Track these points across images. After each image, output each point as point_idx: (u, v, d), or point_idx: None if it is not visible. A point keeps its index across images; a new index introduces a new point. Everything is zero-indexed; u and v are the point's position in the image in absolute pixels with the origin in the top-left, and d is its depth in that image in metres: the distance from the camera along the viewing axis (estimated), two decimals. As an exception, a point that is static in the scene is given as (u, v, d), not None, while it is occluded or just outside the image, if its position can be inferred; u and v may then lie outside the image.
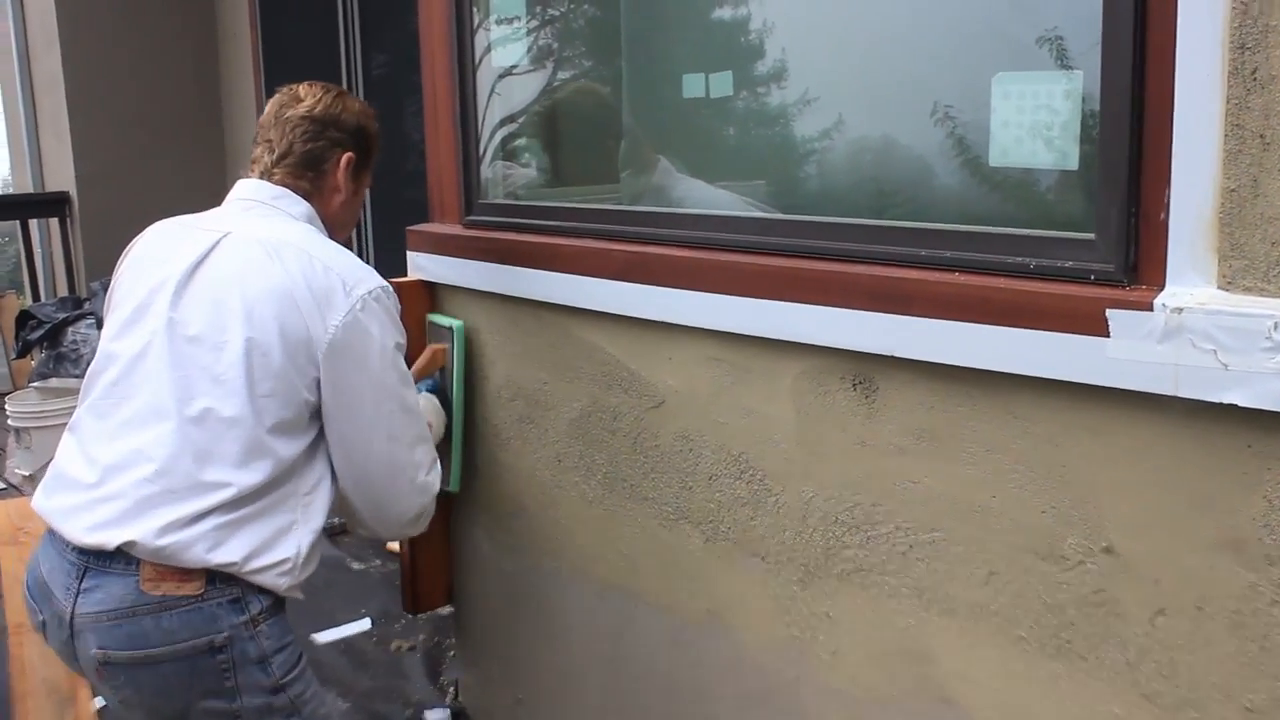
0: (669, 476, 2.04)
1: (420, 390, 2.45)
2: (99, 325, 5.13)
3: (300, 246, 1.85)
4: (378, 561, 3.66)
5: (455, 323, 2.47)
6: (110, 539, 1.71)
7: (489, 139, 2.60)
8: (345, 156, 2.01)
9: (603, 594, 2.25)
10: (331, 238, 2.00)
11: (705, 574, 2.00)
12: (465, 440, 2.54)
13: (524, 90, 2.63)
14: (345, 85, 4.87)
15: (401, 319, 1.93)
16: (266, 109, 2.04)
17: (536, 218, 2.35)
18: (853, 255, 1.68)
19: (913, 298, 1.55)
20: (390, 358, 1.87)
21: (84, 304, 5.53)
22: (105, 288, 5.52)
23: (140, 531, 1.70)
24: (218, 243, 1.87)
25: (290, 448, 1.80)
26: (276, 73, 5.62)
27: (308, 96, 2.02)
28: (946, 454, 1.57)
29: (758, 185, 2.07)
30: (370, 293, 1.84)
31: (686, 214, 2.03)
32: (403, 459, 1.92)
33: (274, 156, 1.98)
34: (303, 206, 1.97)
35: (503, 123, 2.64)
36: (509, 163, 2.68)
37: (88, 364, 5.14)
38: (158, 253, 1.92)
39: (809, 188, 1.98)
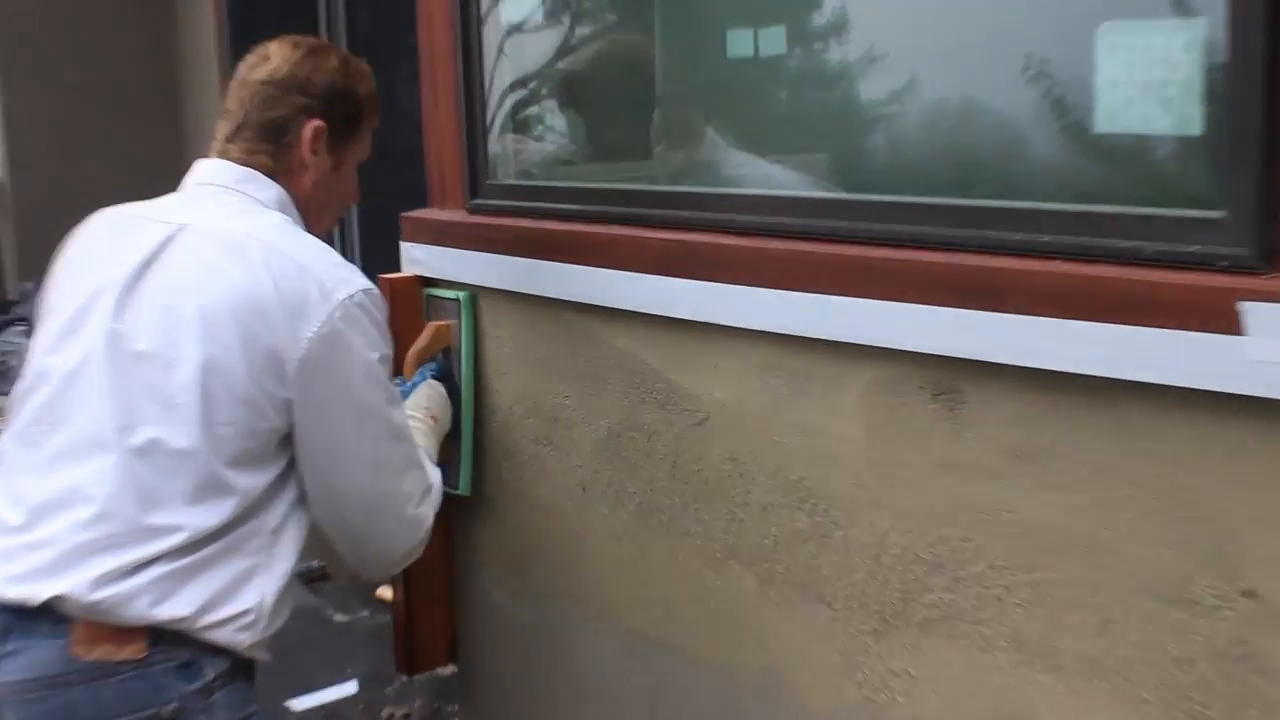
0: (715, 507, 2.06)
1: (423, 376, 2.46)
2: (29, 333, 5.20)
3: (268, 241, 1.86)
4: (365, 612, 3.69)
5: (460, 294, 2.49)
6: (36, 593, 1.70)
7: (497, 107, 2.62)
8: (313, 125, 2.00)
9: (637, 648, 2.26)
10: (309, 226, 2.02)
11: (759, 624, 2.01)
12: (476, 435, 2.56)
13: (539, 49, 2.66)
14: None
15: (393, 323, 1.96)
16: (236, 71, 2.06)
17: (554, 200, 2.38)
18: (933, 241, 1.69)
19: (1006, 291, 1.56)
20: (374, 373, 1.89)
21: (13, 308, 5.61)
22: (40, 288, 5.60)
23: (72, 584, 1.69)
24: (171, 237, 1.87)
25: (254, 481, 1.81)
26: (244, 36, 5.63)
27: (276, 56, 2.03)
28: (1049, 478, 1.57)
29: (818, 160, 2.08)
30: (351, 297, 1.85)
31: (734, 195, 2.05)
32: (389, 490, 1.94)
33: (230, 128, 2.01)
34: (273, 190, 1.98)
35: (513, 88, 2.67)
36: (520, 136, 2.71)
37: (19, 377, 5.24)
38: (100, 249, 1.93)
39: (878, 162, 1.99)
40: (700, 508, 2.09)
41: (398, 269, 2.66)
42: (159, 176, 6.40)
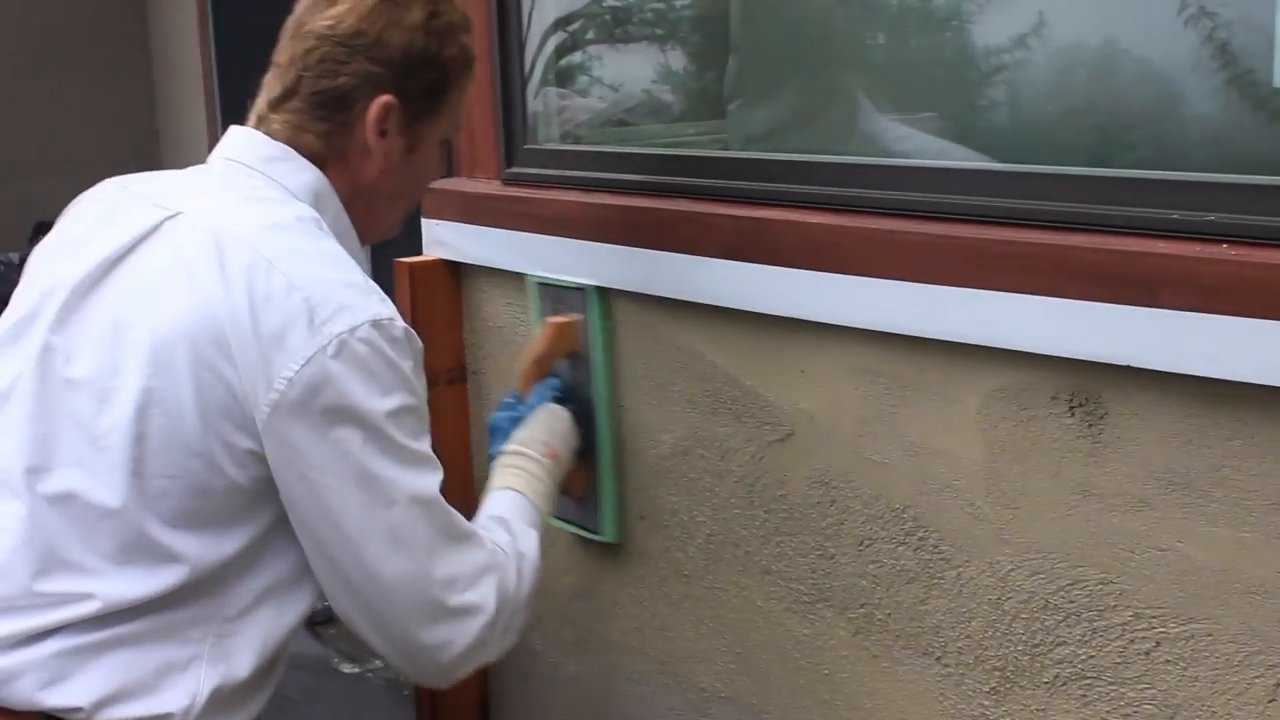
0: (801, 540, 2.07)
1: (540, 398, 2.30)
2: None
3: (259, 247, 1.72)
4: (378, 663, 3.71)
5: (587, 282, 2.31)
6: None
7: (535, 56, 2.64)
8: (381, 101, 1.85)
9: (707, 708, 2.28)
10: (363, 226, 1.92)
11: (854, 680, 2.02)
12: (618, 459, 2.39)
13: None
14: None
15: (418, 319, 1.85)
16: (295, 7, 1.93)
17: (605, 169, 2.40)
18: (1071, 220, 1.70)
19: (1160, 281, 1.56)
20: (383, 431, 1.72)
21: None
22: None
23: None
24: (155, 229, 1.78)
25: (206, 549, 1.71)
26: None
27: (343, 0, 1.87)
28: (1209, 509, 1.58)
29: (925, 120, 2.10)
30: (354, 331, 1.69)
31: (823, 163, 2.06)
32: (416, 572, 1.78)
33: (275, 94, 1.88)
34: (306, 175, 1.85)
35: (554, 30, 2.69)
36: (564, 90, 2.73)
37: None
38: (78, 234, 1.86)
39: (1001, 122, 2.00)
40: (783, 541, 2.10)
41: (417, 251, 2.69)
42: (124, 135, 6.47)
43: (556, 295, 2.39)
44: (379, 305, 1.73)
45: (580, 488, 2.36)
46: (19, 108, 6.15)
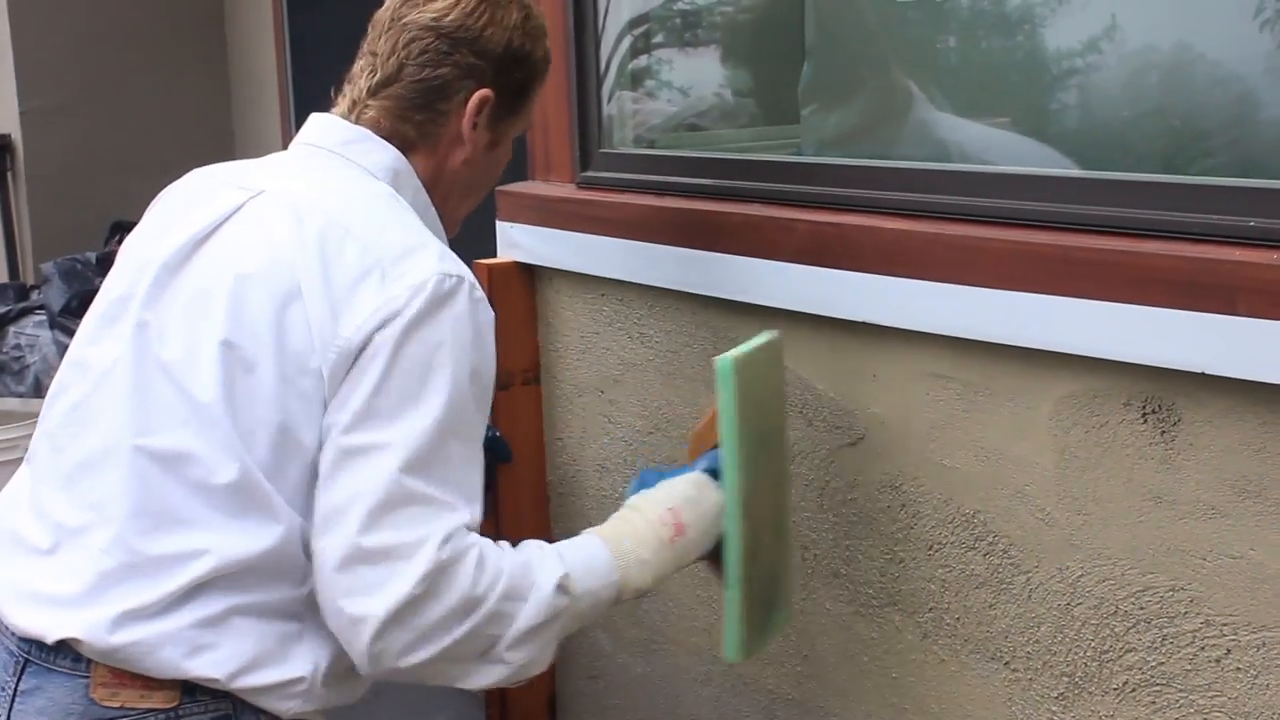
0: (870, 544, 2.09)
1: (696, 467, 2.01)
2: (52, 324, 5.33)
3: (334, 218, 1.80)
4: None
5: (720, 360, 1.96)
6: (48, 630, 1.74)
7: (610, 55, 2.67)
8: (480, 94, 1.94)
9: (774, 710, 2.30)
10: (443, 210, 1.98)
11: (922, 684, 2.04)
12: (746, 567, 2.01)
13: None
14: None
15: (499, 333, 1.86)
16: (386, 2, 2.00)
17: (680, 174, 2.42)
18: (1146, 227, 1.71)
19: (1237, 289, 1.57)
20: (445, 392, 1.74)
21: (30, 293, 5.75)
22: (61, 272, 5.67)
23: (87, 624, 1.72)
24: (239, 208, 1.87)
25: (297, 510, 1.77)
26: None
27: None
28: (1283, 516, 1.59)
29: (1000, 126, 2.11)
30: (426, 283, 1.74)
31: (898, 169, 2.07)
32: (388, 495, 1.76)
33: (373, 81, 1.94)
34: (386, 154, 1.93)
35: (629, 34, 2.71)
36: (637, 93, 2.75)
37: (36, 377, 5.37)
38: (165, 219, 1.95)
39: (1076, 128, 2.00)
40: (852, 544, 2.12)
41: (493, 252, 2.72)
42: (200, 136, 6.51)
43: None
44: (451, 263, 1.78)
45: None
46: (97, 110, 6.18)
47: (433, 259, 1.77)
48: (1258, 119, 1.79)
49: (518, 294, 2.67)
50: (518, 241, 2.68)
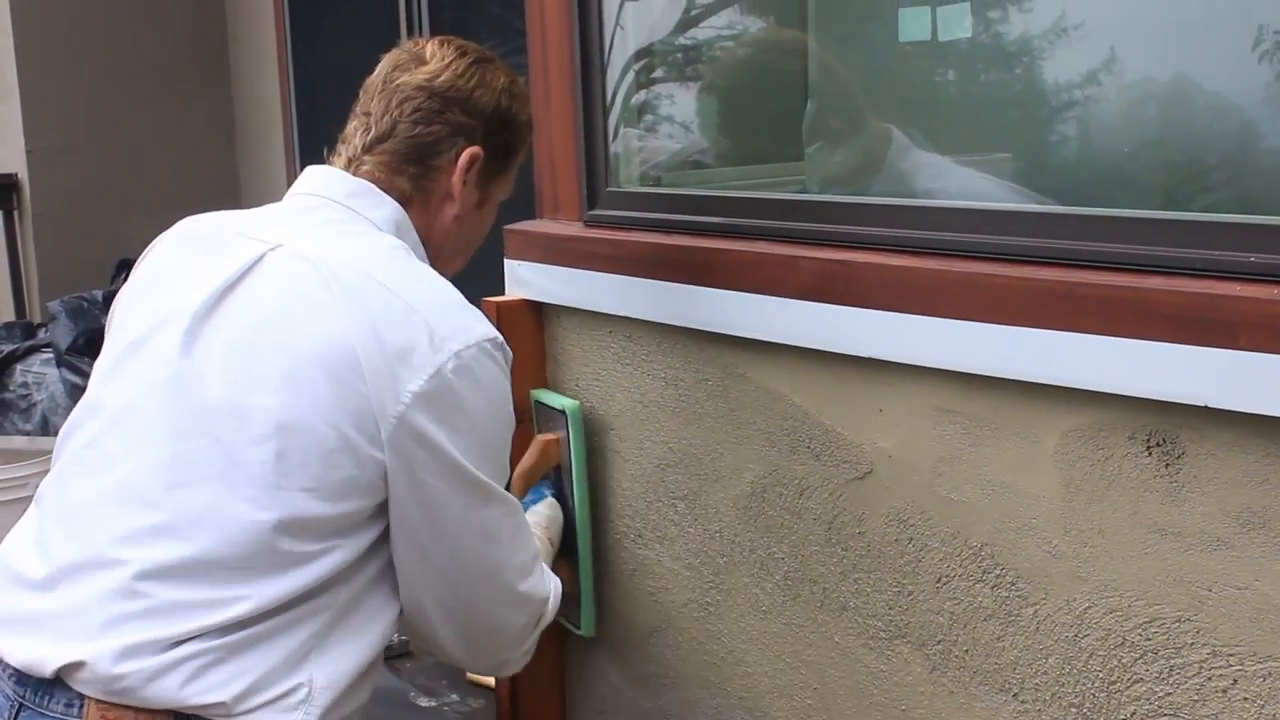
0: (878, 577, 2.11)
1: (539, 495, 2.58)
2: (59, 362, 5.35)
3: (373, 273, 1.88)
4: (454, 697, 3.74)
5: (569, 403, 2.57)
6: (48, 659, 1.77)
7: (615, 93, 2.70)
8: (470, 151, 2.06)
9: (782, 745, 2.31)
10: (435, 266, 2.06)
11: (931, 716, 2.04)
12: (595, 560, 2.64)
13: (665, 24, 2.72)
14: (404, 20, 5.04)
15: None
16: (378, 67, 2.11)
17: (687, 212, 2.45)
18: (1148, 263, 1.72)
19: (1239, 324, 1.58)
20: (491, 441, 1.95)
21: (37, 331, 5.77)
22: (68, 310, 5.70)
23: (94, 652, 1.75)
24: (260, 259, 1.92)
25: (334, 554, 1.85)
26: (305, 8, 5.83)
27: (434, 59, 2.08)
28: (1287, 548, 1.60)
29: (1004, 163, 2.13)
30: (469, 348, 1.88)
31: (904, 206, 2.10)
32: (500, 562, 2.02)
33: (369, 138, 2.04)
34: (387, 209, 2.02)
35: (634, 72, 2.74)
36: (644, 131, 2.78)
37: (43, 415, 5.39)
38: (178, 266, 2.00)
39: (1078, 165, 2.03)
40: (861, 578, 2.14)
41: (499, 290, 2.75)
42: (206, 175, 6.55)
43: (547, 414, 2.62)
44: (487, 325, 1.94)
45: (566, 585, 2.46)
46: (102, 148, 6.22)
47: (474, 320, 1.92)
48: (1256, 154, 1.81)
49: (526, 331, 2.69)
50: (526, 279, 2.70)
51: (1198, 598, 1.69)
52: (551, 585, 2.18)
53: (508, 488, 2.05)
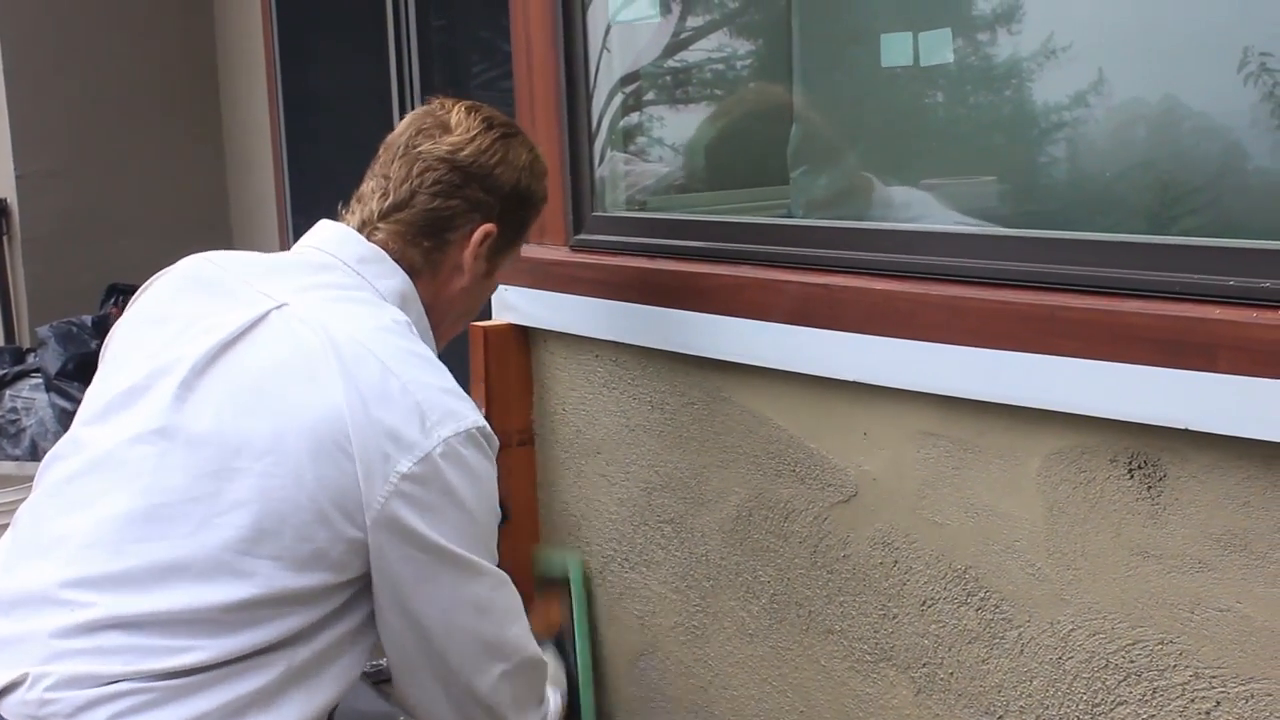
0: (864, 600, 2.11)
1: (544, 645, 2.47)
2: (49, 387, 5.34)
3: (371, 348, 1.86)
4: None
5: (570, 560, 2.60)
6: None
7: (599, 121, 2.71)
8: (484, 229, 2.04)
9: (769, 768, 2.31)
10: (435, 333, 2.06)
11: (918, 740, 2.05)
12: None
13: (652, 46, 2.73)
14: (393, 46, 5.05)
15: (490, 377, 1.97)
16: (401, 124, 2.08)
17: (672, 236, 2.46)
18: (1128, 286, 1.73)
19: (1218, 347, 1.59)
20: (478, 529, 1.91)
21: (26, 356, 5.77)
22: (57, 335, 5.68)
23: (37, 673, 1.72)
24: (263, 317, 1.90)
25: (287, 621, 1.82)
26: (294, 33, 5.84)
27: (458, 129, 2.04)
28: (1268, 569, 1.60)
29: (986, 188, 2.13)
30: (458, 435, 1.85)
31: (887, 230, 2.10)
32: (495, 634, 1.97)
33: (386, 204, 2.01)
34: (396, 279, 2.00)
35: (619, 97, 2.75)
36: (630, 156, 2.79)
37: (32, 440, 5.37)
38: (181, 312, 1.96)
39: (1060, 190, 2.04)
40: (846, 601, 2.14)
41: (486, 315, 2.75)
42: (195, 200, 6.54)
43: (545, 575, 2.67)
44: (476, 413, 1.90)
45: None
46: (92, 174, 6.21)
47: (464, 405, 1.89)
48: (1236, 178, 1.82)
49: (513, 356, 2.70)
50: (513, 304, 2.71)
51: (1180, 620, 1.69)
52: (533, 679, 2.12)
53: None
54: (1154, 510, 1.71)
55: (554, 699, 2.21)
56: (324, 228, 2.04)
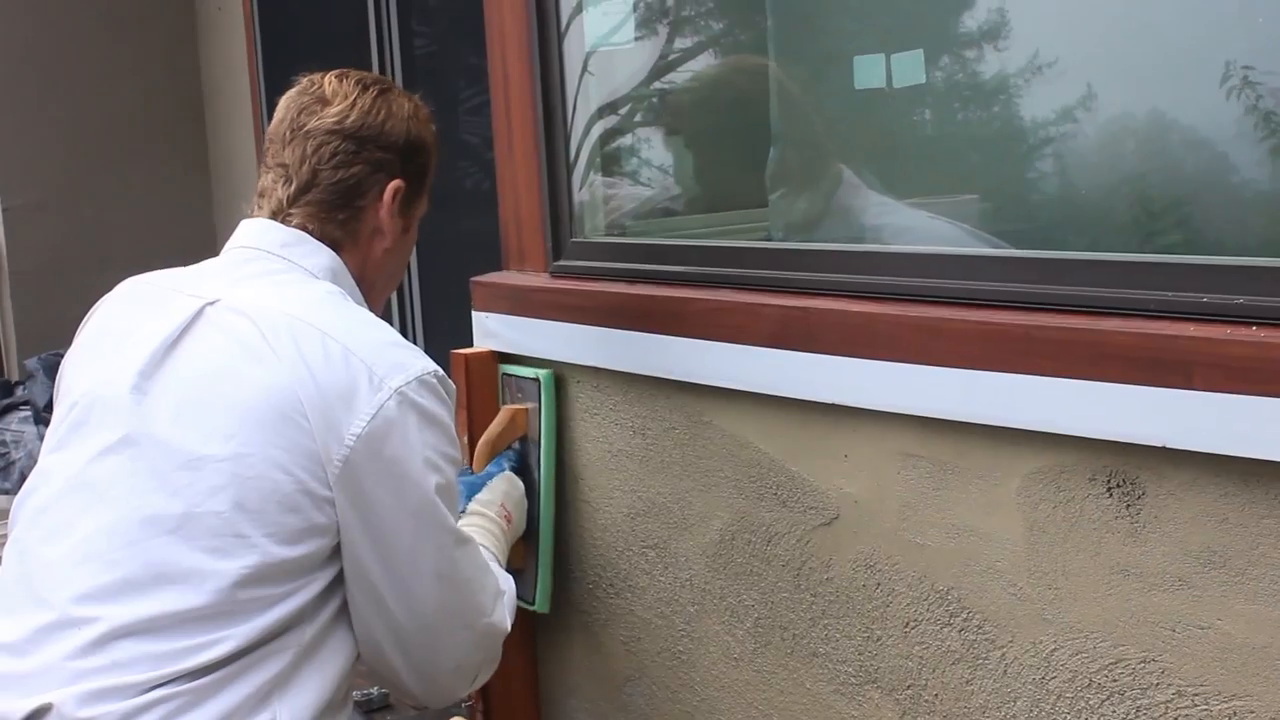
0: (848, 623, 2.10)
1: (499, 467, 2.55)
2: (37, 419, 5.35)
3: (309, 320, 1.91)
4: (434, 750, 3.74)
5: (541, 373, 2.57)
6: (14, 711, 1.76)
7: (580, 144, 2.71)
8: (392, 185, 2.08)
9: (756, 793, 2.30)
10: (369, 301, 2.10)
11: (903, 763, 2.04)
12: (558, 538, 2.63)
13: (629, 71, 2.73)
14: (378, 71, 5.06)
15: (469, 405, 2.00)
16: (278, 112, 2.12)
17: (651, 261, 2.46)
18: (1104, 305, 1.73)
19: (1193, 364, 1.59)
20: (437, 475, 1.95)
21: (14, 389, 5.78)
22: (45, 367, 5.70)
23: (61, 696, 1.75)
24: (199, 314, 1.94)
25: (296, 597, 1.87)
26: (280, 57, 5.85)
27: (336, 98, 2.07)
28: (1248, 586, 1.60)
29: (963, 209, 2.14)
30: (409, 384, 1.91)
31: (865, 252, 2.11)
32: (459, 603, 2.03)
33: (291, 190, 2.05)
34: (323, 256, 2.04)
35: (600, 121, 2.75)
36: (610, 181, 2.79)
37: (21, 473, 5.38)
38: (119, 326, 2.02)
39: (1036, 210, 2.04)
40: (830, 623, 2.13)
41: (468, 342, 2.75)
42: (182, 228, 6.55)
43: (516, 384, 2.62)
44: (424, 360, 1.96)
45: (519, 559, 2.58)
46: (78, 206, 6.23)
47: (411, 356, 1.94)
48: (1223, 192, 1.82)
49: (494, 382, 2.69)
50: (493, 331, 2.71)
51: (1162, 638, 1.69)
52: (509, 608, 2.19)
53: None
54: (1133, 528, 1.70)
55: (508, 589, 2.21)
56: (243, 226, 2.09)
